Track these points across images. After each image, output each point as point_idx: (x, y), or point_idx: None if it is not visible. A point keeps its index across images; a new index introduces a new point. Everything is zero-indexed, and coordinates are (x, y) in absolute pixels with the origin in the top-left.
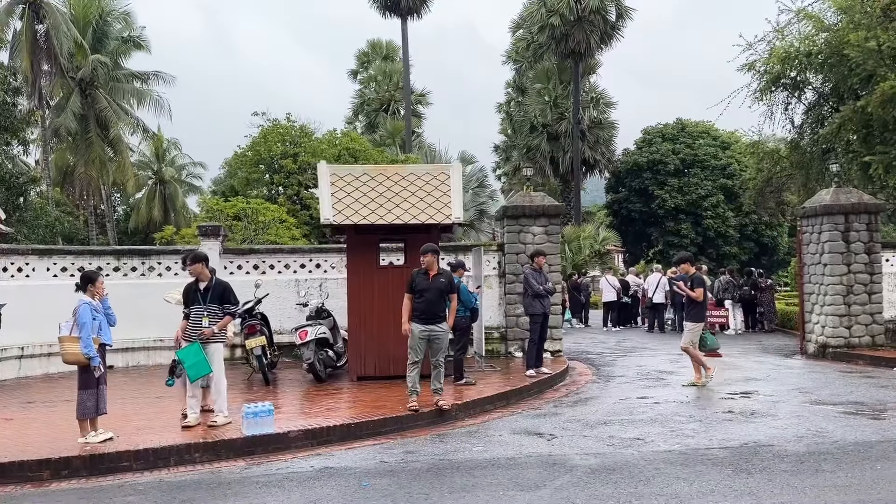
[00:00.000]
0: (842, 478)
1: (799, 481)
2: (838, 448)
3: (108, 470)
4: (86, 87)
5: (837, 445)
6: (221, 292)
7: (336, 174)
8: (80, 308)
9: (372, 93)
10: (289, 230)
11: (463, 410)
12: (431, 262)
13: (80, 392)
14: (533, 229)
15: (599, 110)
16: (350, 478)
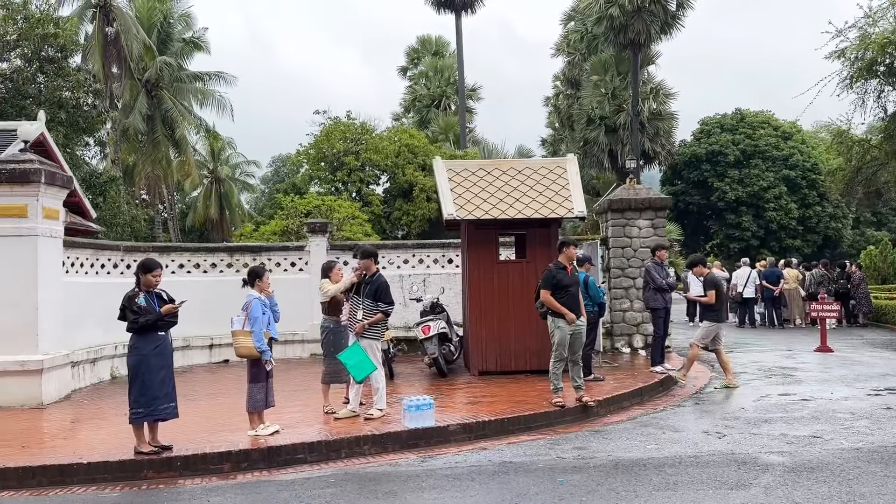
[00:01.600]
0: None
1: None
2: None
3: (285, 462)
4: (151, 88)
5: None
6: (375, 289)
7: (452, 169)
8: (252, 303)
9: (423, 89)
10: (361, 226)
11: (604, 407)
12: (573, 255)
13: (251, 385)
14: (639, 223)
15: (659, 101)
16: (538, 473)
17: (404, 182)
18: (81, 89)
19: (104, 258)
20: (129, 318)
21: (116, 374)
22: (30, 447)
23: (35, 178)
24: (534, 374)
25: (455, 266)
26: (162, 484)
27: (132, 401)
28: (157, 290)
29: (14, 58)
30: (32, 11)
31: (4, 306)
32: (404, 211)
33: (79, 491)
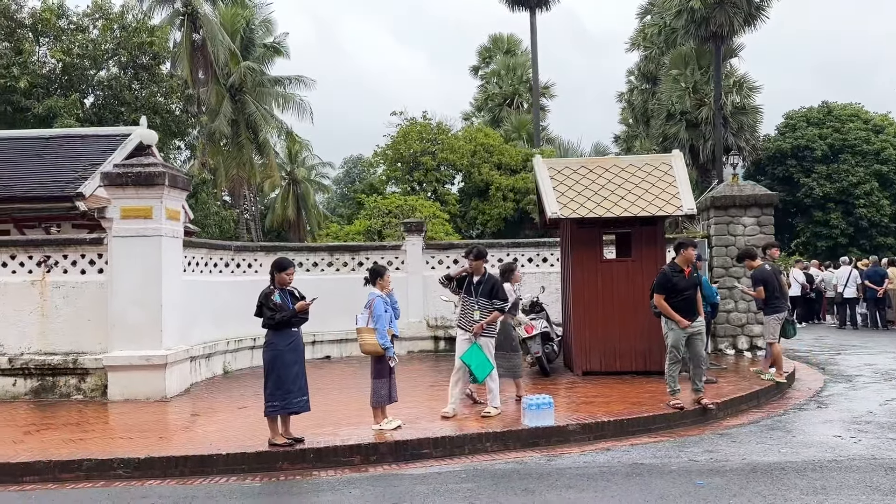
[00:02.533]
0: None
1: None
2: None
3: (412, 457)
4: (235, 92)
5: None
6: (490, 288)
7: (553, 168)
8: (375, 301)
9: (495, 87)
10: (442, 225)
11: (722, 410)
12: (691, 257)
13: (375, 381)
14: (744, 220)
15: (742, 95)
16: (673, 476)
17: (480, 181)
18: (174, 95)
19: (217, 257)
20: (265, 314)
21: (229, 369)
22: (167, 438)
23: (159, 180)
24: (640, 374)
25: (550, 265)
26: (298, 475)
27: (268, 394)
28: (289, 288)
29: (112, 66)
30: (129, 21)
31: (132, 303)
32: (480, 210)
33: (221, 481)
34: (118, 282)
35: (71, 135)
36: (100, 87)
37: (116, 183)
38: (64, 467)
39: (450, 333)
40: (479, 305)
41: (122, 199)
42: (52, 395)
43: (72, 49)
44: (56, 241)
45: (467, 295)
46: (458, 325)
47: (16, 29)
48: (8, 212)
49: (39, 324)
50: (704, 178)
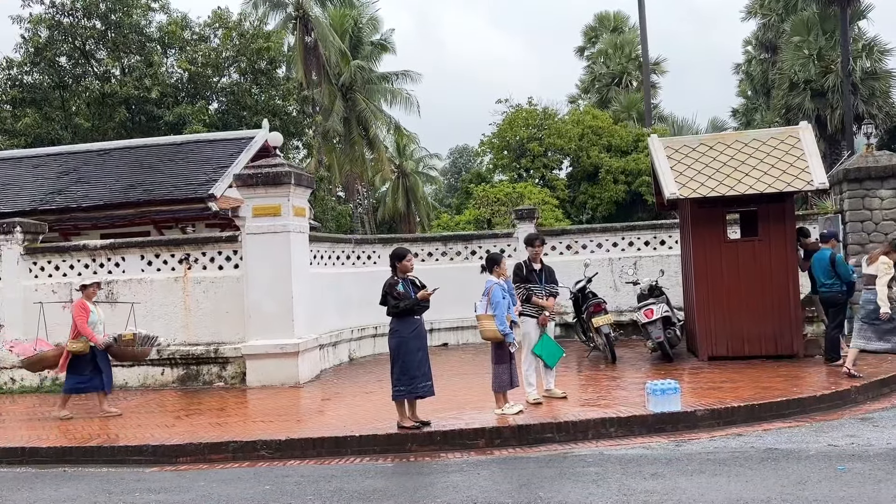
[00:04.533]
0: None
1: None
2: None
3: (535, 440)
4: (346, 91)
5: None
6: (551, 273)
7: (671, 147)
8: (493, 289)
9: (602, 67)
10: (552, 211)
11: (861, 393)
12: None
13: (496, 366)
14: (881, 193)
15: (873, 59)
16: (812, 460)
17: (589, 165)
18: (290, 97)
19: (339, 250)
20: (390, 303)
21: (354, 357)
22: (303, 421)
23: (286, 179)
24: (770, 359)
25: (668, 248)
26: (427, 457)
27: (394, 379)
28: (410, 277)
29: (233, 72)
30: (246, 28)
31: (266, 296)
32: (590, 194)
33: (355, 461)
34: (252, 276)
35: (200, 140)
36: (223, 94)
37: (248, 183)
38: (213, 449)
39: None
40: (547, 291)
41: (253, 199)
42: (196, 383)
43: (196, 58)
44: (195, 240)
45: (533, 283)
46: (526, 315)
47: (145, 43)
48: (147, 214)
49: (183, 316)
50: (833, 150)
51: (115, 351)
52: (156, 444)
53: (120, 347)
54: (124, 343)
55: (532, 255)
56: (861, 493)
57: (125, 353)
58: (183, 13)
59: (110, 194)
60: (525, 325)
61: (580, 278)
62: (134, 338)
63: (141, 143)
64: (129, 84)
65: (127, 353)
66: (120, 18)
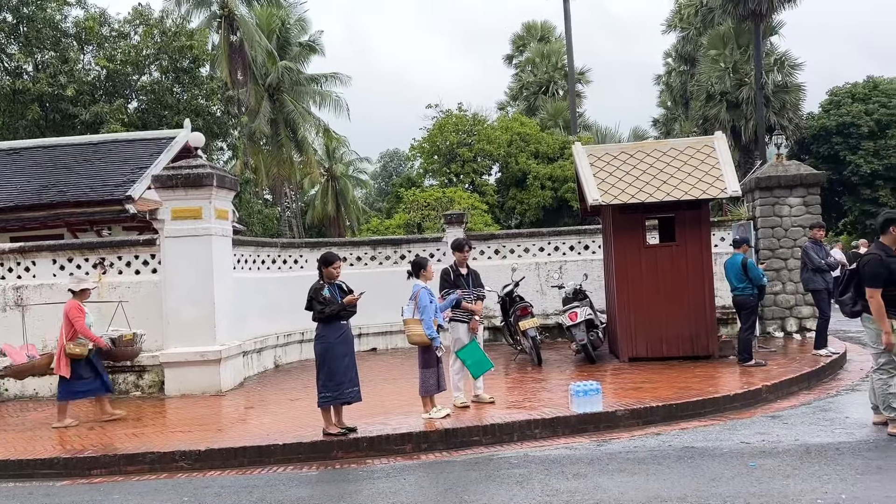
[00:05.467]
0: None
1: None
2: None
3: (462, 444)
4: (273, 92)
5: None
6: (477, 277)
7: (594, 154)
8: (420, 293)
9: (530, 76)
10: (481, 216)
11: (773, 392)
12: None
13: (423, 371)
14: (790, 201)
15: (784, 73)
16: (726, 458)
17: (517, 171)
18: (214, 97)
19: (264, 254)
20: (315, 308)
21: (280, 363)
22: (224, 430)
23: (208, 181)
24: (687, 359)
25: (592, 252)
26: (353, 463)
27: (320, 385)
28: (337, 282)
29: (153, 71)
30: (168, 26)
31: (186, 302)
32: (518, 200)
33: (279, 470)
34: (171, 281)
35: (118, 140)
36: (143, 92)
37: (167, 185)
38: (129, 460)
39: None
40: (475, 295)
41: (172, 201)
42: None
43: (115, 56)
44: (110, 244)
45: (461, 288)
46: (456, 319)
47: (61, 38)
48: (61, 216)
49: (97, 323)
50: (747, 159)
51: (117, 352)
52: (67, 456)
53: (121, 348)
54: (125, 343)
55: (459, 259)
56: (770, 489)
57: (126, 354)
58: (101, 9)
59: (21, 195)
60: (455, 330)
61: (508, 282)
62: (134, 337)
63: (55, 143)
64: (43, 81)
65: (128, 354)
66: (33, 12)
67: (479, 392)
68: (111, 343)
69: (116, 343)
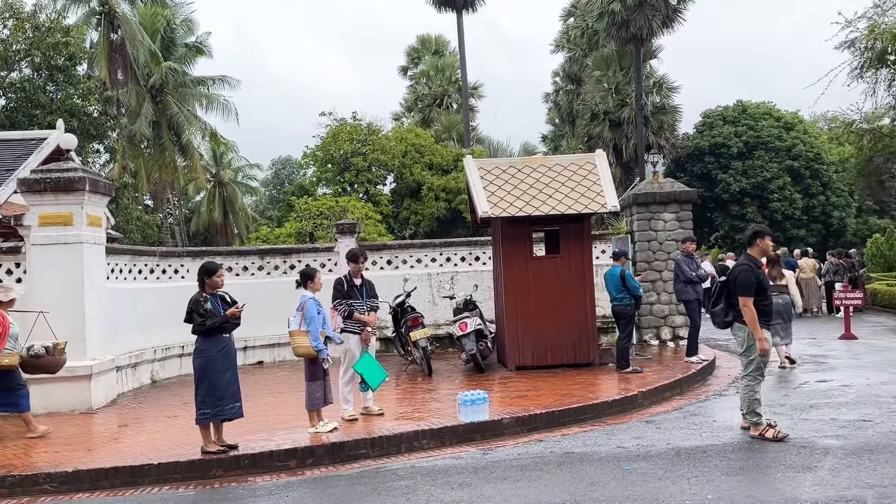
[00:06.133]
0: None
1: None
2: None
3: (349, 458)
4: (157, 93)
5: None
6: (372, 288)
7: (484, 168)
8: (307, 304)
9: (424, 88)
10: (375, 226)
11: (647, 397)
12: (769, 248)
13: (309, 384)
14: (664, 216)
15: (662, 95)
16: (603, 462)
17: (412, 181)
18: (91, 97)
19: (141, 264)
20: (196, 320)
21: (157, 378)
22: (95, 450)
23: (80, 186)
24: (570, 367)
25: (482, 263)
26: (233, 482)
27: (199, 401)
28: (220, 293)
29: (24, 67)
30: (42, 21)
31: (54, 313)
32: (413, 210)
33: (153, 491)
34: (38, 292)
35: None
36: (12, 90)
37: (34, 189)
38: None
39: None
40: (369, 306)
41: (40, 206)
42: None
43: None
44: None
45: (354, 299)
46: (348, 331)
47: None
48: None
49: None
50: (628, 176)
51: (45, 362)
52: None
53: (54, 357)
54: (59, 352)
55: (354, 270)
56: (644, 492)
57: (57, 364)
58: None
59: None
60: (347, 342)
61: (400, 293)
62: (64, 346)
63: None
64: None
65: (59, 363)
66: None
67: (369, 404)
68: (45, 352)
69: (49, 352)
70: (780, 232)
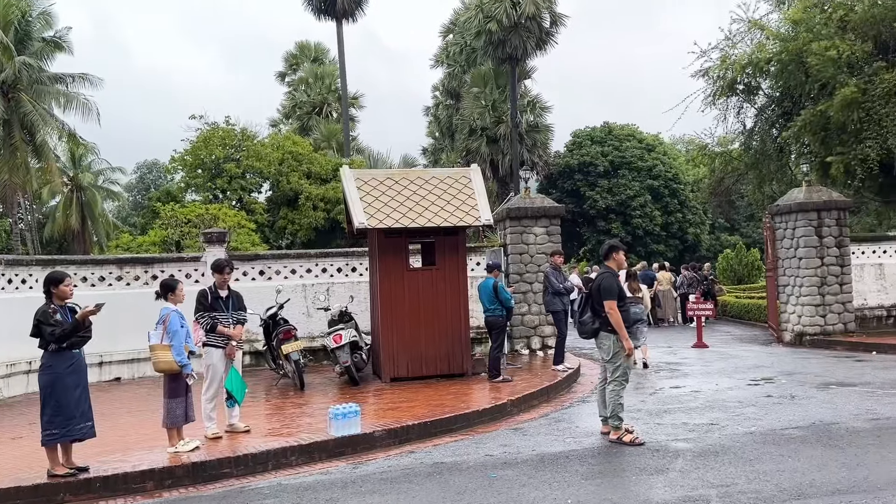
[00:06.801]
0: None
1: (890, 452)
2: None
3: (212, 477)
4: (8, 90)
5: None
6: (239, 300)
7: (361, 178)
8: (170, 316)
9: (303, 95)
10: (249, 235)
11: (516, 405)
12: (623, 261)
13: (169, 401)
14: (535, 230)
15: (536, 114)
16: (471, 471)
17: (289, 190)
18: None
19: None
20: (45, 333)
21: (2, 397)
22: None
23: None
24: (444, 378)
25: (359, 275)
26: None
27: (45, 422)
28: (70, 304)
29: None
30: None
31: None
32: (290, 219)
33: None
34: None
35: None
36: None
37: None
38: None
39: (255, 347)
40: (235, 320)
41: None
42: None
43: None
44: None
45: (219, 311)
46: (210, 345)
47: None
48: None
49: None
50: (504, 190)
51: None
52: None
53: None
54: None
55: (219, 281)
56: (508, 498)
57: None
58: None
59: None
60: (210, 356)
61: (272, 305)
62: None
63: None
64: None
65: None
66: None
67: (234, 421)
68: None
69: None
70: (641, 247)
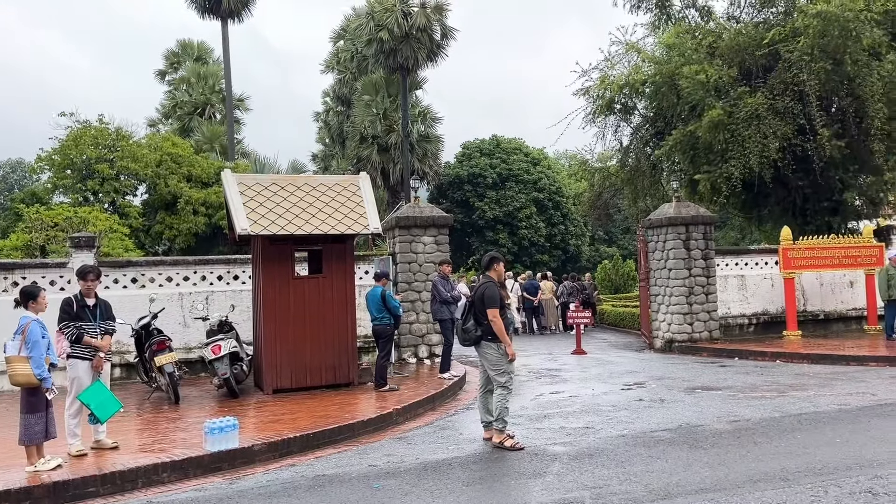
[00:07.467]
0: (780, 447)
1: (748, 452)
2: (756, 424)
3: (75, 497)
4: None
5: (753, 422)
6: (108, 308)
7: (244, 183)
8: (30, 326)
9: (184, 95)
10: (122, 240)
11: (402, 414)
12: (503, 272)
13: (27, 416)
14: (424, 239)
15: (427, 124)
16: (353, 482)
17: (167, 193)
18: None
19: None
20: None
21: None
22: None
23: None
24: (329, 388)
25: (241, 283)
26: None
27: None
28: None
29: None
30: None
31: None
32: (167, 224)
33: None
34: None
35: None
36: None
37: None
38: None
39: (126, 360)
40: (103, 330)
41: None
42: None
43: None
44: None
45: (85, 321)
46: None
47: None
48: None
49: None
50: (395, 199)
51: None
52: None
53: None
54: None
55: (85, 289)
56: None
57: None
58: None
59: None
60: (75, 369)
61: (145, 314)
62: None
63: None
64: None
65: None
66: None
67: (101, 437)
68: None
69: None
70: (526, 257)
